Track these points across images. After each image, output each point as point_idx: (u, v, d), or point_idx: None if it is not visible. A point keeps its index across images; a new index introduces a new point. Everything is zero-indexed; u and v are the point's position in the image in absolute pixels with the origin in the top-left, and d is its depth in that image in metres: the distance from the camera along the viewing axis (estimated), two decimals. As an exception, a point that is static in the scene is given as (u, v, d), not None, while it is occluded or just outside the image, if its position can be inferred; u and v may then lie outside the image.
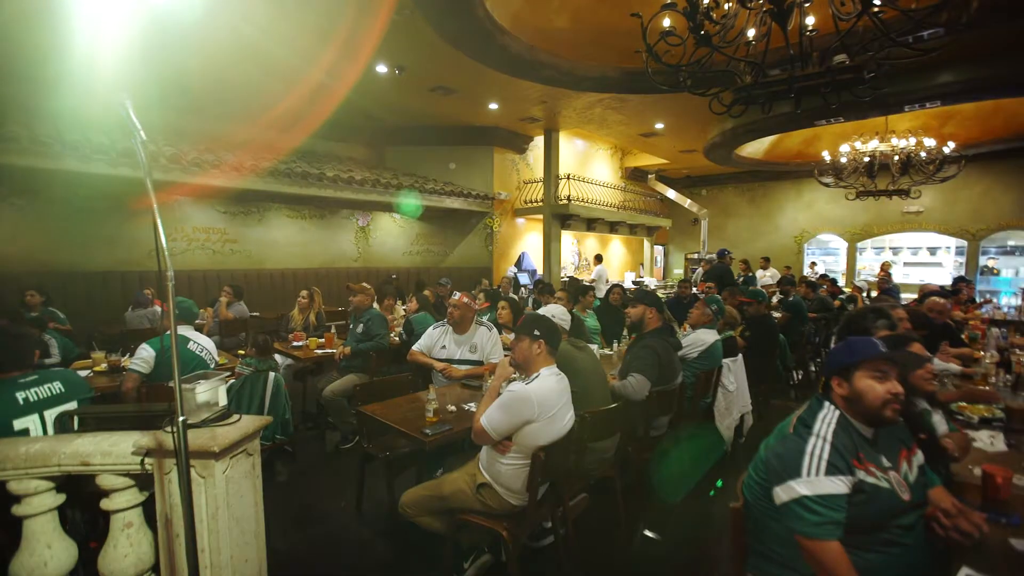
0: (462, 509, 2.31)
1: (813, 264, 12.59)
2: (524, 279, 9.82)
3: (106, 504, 1.69)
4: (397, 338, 5.00)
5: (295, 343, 4.80)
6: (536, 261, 10.85)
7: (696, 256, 11.94)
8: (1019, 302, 8.62)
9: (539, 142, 10.54)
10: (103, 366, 3.81)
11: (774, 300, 7.46)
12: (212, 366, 3.48)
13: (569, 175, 10.15)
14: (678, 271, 15.29)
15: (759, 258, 11.70)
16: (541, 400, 2.15)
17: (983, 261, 11.56)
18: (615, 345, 4.50)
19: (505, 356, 2.43)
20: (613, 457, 2.86)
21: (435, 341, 3.70)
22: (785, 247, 13.75)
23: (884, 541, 1.48)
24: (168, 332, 1.39)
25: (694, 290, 7.53)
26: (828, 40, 3.09)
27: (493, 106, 8.46)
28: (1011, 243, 11.42)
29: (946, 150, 7.60)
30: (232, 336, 5.82)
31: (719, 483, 3.47)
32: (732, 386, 3.70)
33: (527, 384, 2.20)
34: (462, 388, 3.34)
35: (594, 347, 3.75)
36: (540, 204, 10.26)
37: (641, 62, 3.45)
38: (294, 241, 8.90)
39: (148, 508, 1.75)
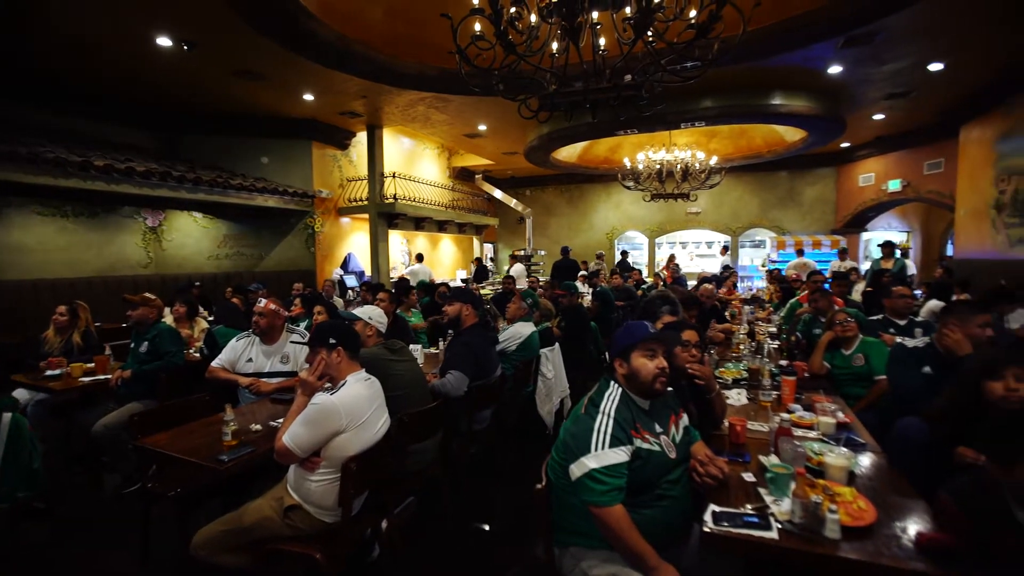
0: (269, 538, 2.08)
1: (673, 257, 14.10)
2: (351, 281, 9.35)
3: None
4: (198, 354, 4.36)
5: (49, 372, 3.85)
6: (364, 262, 10.41)
7: (522, 252, 12.68)
8: (764, 285, 10.94)
9: (362, 138, 10.10)
10: None
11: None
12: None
13: (395, 173, 9.92)
14: (507, 267, 16.08)
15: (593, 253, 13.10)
16: (349, 409, 2.04)
17: (741, 252, 14.41)
18: (440, 343, 4.53)
19: (303, 370, 2.25)
20: (437, 456, 2.86)
21: (239, 354, 3.29)
22: (599, 243, 15.39)
23: (657, 496, 1.71)
24: None
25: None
26: (616, 60, 3.50)
27: (308, 97, 7.86)
28: (757, 238, 14.42)
29: (712, 162, 9.23)
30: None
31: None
32: (550, 374, 3.98)
33: (333, 394, 2.06)
34: (272, 403, 3.02)
35: (418, 347, 3.71)
36: (365, 203, 9.85)
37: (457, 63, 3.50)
38: (53, 245, 7.17)
39: None
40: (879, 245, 8.81)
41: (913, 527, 1.57)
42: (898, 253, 8.77)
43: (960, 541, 1.44)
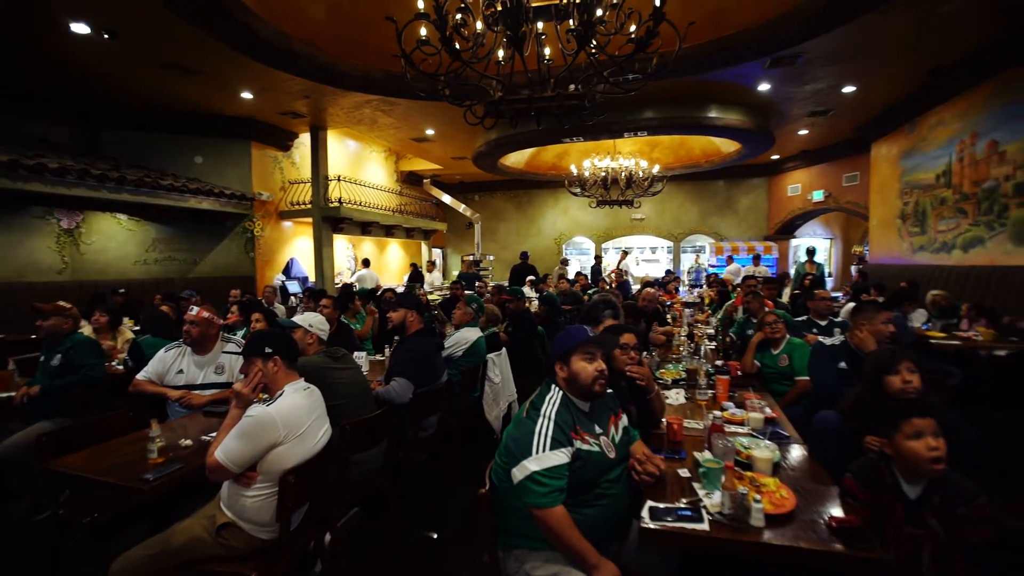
0: (200, 560, 1.97)
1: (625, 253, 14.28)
2: (294, 287, 9.01)
3: None
4: (121, 367, 4.07)
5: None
6: (308, 267, 10.07)
7: (471, 258, 12.67)
8: (704, 288, 11.47)
9: (305, 140, 9.79)
10: None
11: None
12: None
13: (340, 177, 9.67)
14: (456, 272, 16.00)
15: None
16: (287, 419, 1.97)
17: (684, 258, 15.03)
18: (386, 350, 4.45)
19: (238, 381, 2.16)
20: (383, 465, 2.81)
21: (168, 366, 3.11)
22: (548, 248, 15.61)
23: (597, 495, 1.76)
24: None
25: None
26: (560, 70, 3.58)
27: (247, 95, 7.54)
28: (698, 243, 15.09)
29: (654, 171, 9.59)
30: None
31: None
32: (497, 378, 4.00)
33: (269, 405, 1.99)
34: (206, 417, 2.87)
35: (363, 354, 3.63)
36: (309, 207, 9.54)
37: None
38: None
39: None
40: (807, 251, 9.51)
41: (828, 512, 1.69)
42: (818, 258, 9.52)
43: (865, 521, 1.58)
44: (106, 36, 5.45)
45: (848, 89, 7.51)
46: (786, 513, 1.67)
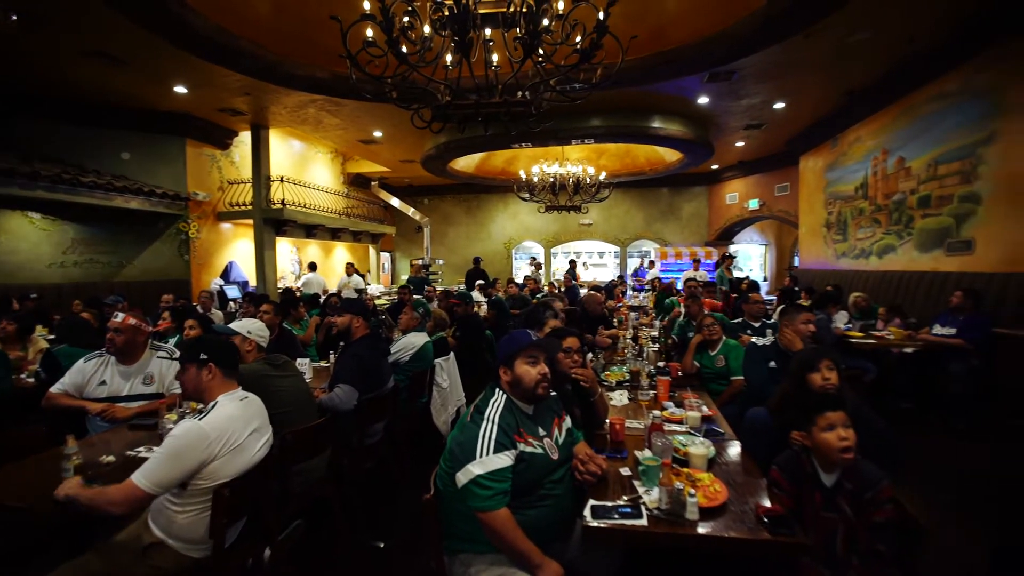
0: (125, 584, 1.85)
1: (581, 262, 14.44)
2: (233, 292, 8.59)
3: None
4: (32, 379, 3.76)
5: None
6: (249, 271, 9.64)
7: (420, 262, 12.53)
8: (649, 291, 11.87)
9: (246, 138, 9.37)
10: None
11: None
12: None
13: (283, 177, 9.33)
14: (405, 277, 15.79)
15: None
16: (221, 432, 1.88)
17: (631, 263, 15.48)
18: (331, 356, 4.34)
19: (174, 393, 2.05)
20: (327, 474, 2.73)
21: (88, 377, 2.89)
22: (497, 252, 15.67)
23: (541, 496, 1.80)
24: None
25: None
26: (507, 77, 3.62)
27: (181, 90, 7.14)
28: (644, 248, 15.60)
29: (601, 177, 9.84)
30: None
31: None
32: (445, 383, 3.98)
33: (200, 419, 1.88)
34: (131, 431, 2.69)
35: (306, 361, 3.52)
36: (250, 208, 9.13)
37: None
38: None
39: None
40: (725, 258, 10.18)
41: (757, 502, 1.80)
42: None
43: (788, 509, 1.70)
44: (14, 17, 5.01)
45: (779, 105, 8.02)
46: (719, 505, 1.76)
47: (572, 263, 13.33)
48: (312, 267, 9.82)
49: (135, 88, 7.13)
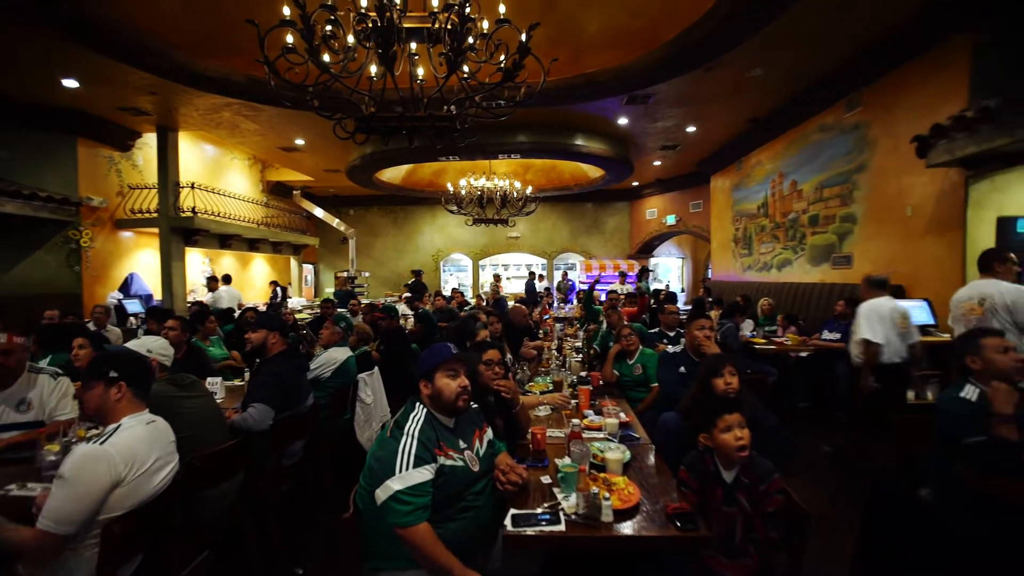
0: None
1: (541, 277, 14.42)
2: (134, 306, 7.86)
3: None
4: None
5: None
6: (153, 284, 8.87)
7: (345, 274, 12.13)
8: (575, 303, 12.24)
9: (151, 140, 8.66)
10: None
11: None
12: None
13: (194, 184, 8.71)
14: (329, 289, 15.21)
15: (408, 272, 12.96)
16: (127, 456, 1.71)
17: (556, 275, 15.88)
18: (246, 375, 4.09)
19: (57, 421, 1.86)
20: (239, 499, 2.57)
21: (-51, 405, 2.54)
22: (425, 264, 15.50)
23: (462, 509, 1.81)
24: None
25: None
26: (432, 91, 3.64)
27: (71, 83, 6.49)
28: (570, 260, 16.08)
29: (528, 192, 10.07)
30: None
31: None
32: (369, 399, 3.87)
33: (102, 442, 1.71)
34: (2, 466, 2.39)
35: (217, 379, 3.30)
36: (155, 215, 8.42)
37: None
38: None
39: None
40: (643, 271, 10.78)
41: (667, 501, 1.92)
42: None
43: (694, 505, 1.83)
44: None
45: (690, 129, 8.64)
46: (632, 507, 1.86)
47: (496, 276, 13.50)
48: (227, 279, 9.21)
49: (14, 79, 6.41)
